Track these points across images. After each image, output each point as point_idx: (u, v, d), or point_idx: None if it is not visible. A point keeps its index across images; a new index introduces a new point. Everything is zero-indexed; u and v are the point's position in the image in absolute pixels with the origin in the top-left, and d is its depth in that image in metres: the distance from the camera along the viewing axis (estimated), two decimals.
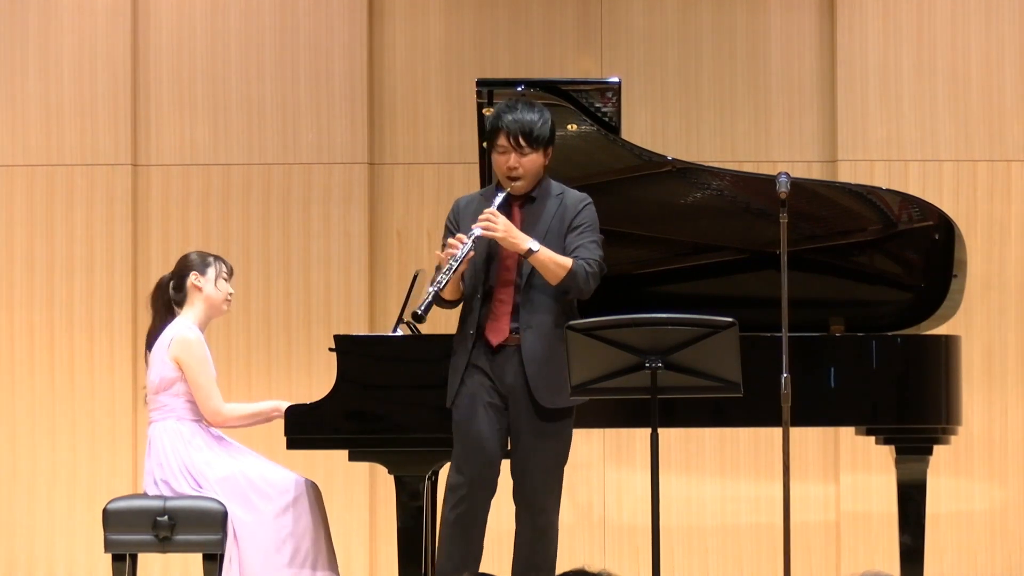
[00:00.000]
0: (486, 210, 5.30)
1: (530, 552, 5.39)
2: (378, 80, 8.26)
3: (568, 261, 5.33)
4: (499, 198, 5.34)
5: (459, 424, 5.39)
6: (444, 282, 5.24)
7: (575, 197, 5.47)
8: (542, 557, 5.40)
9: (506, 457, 5.45)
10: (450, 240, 5.30)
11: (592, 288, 5.39)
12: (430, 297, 5.25)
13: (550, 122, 5.41)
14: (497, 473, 5.40)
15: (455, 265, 5.24)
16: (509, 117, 5.35)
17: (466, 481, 5.34)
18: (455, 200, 5.57)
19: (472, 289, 5.38)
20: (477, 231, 5.26)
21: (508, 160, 5.35)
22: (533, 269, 5.34)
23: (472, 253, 5.27)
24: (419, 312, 5.25)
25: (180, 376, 5.88)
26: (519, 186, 5.38)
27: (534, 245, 5.29)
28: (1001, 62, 8.15)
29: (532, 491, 5.36)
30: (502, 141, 5.35)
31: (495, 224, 5.26)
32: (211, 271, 5.98)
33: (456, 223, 5.44)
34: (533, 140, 5.34)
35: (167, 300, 6.01)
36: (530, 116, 5.36)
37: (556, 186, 5.50)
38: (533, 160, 5.37)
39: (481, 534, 5.41)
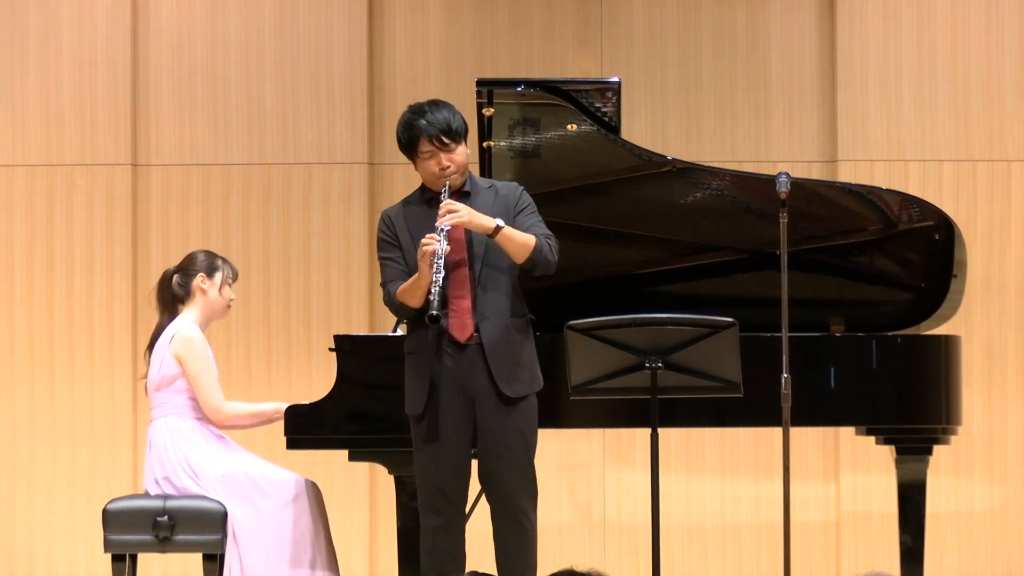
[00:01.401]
0: (443, 203, 5.26)
1: (513, 552, 5.35)
2: (378, 80, 8.27)
3: (531, 236, 5.32)
4: (445, 191, 5.31)
5: (428, 433, 5.31)
6: (440, 278, 5.15)
7: (509, 186, 5.47)
8: (525, 555, 5.36)
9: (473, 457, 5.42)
10: (423, 240, 5.21)
11: (555, 261, 5.36)
12: (437, 296, 5.14)
13: (460, 113, 5.40)
14: (467, 481, 5.37)
15: (441, 260, 5.17)
16: (423, 121, 5.33)
17: (438, 495, 5.30)
18: (381, 214, 5.49)
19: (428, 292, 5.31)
20: (444, 225, 5.20)
21: (438, 161, 5.33)
22: (484, 260, 5.31)
23: (448, 248, 5.22)
24: (436, 313, 5.12)
25: (180, 373, 5.89)
26: (455, 178, 5.35)
27: (500, 222, 5.27)
28: (1001, 62, 8.16)
29: (510, 492, 5.32)
30: (425, 147, 5.32)
31: (456, 211, 5.24)
32: (218, 276, 5.99)
33: (393, 234, 5.38)
34: (454, 134, 5.34)
35: (171, 295, 6.01)
36: (442, 114, 5.35)
37: (483, 180, 5.51)
38: (460, 153, 5.36)
39: (463, 543, 5.38)
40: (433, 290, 5.15)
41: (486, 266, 5.32)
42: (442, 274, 5.17)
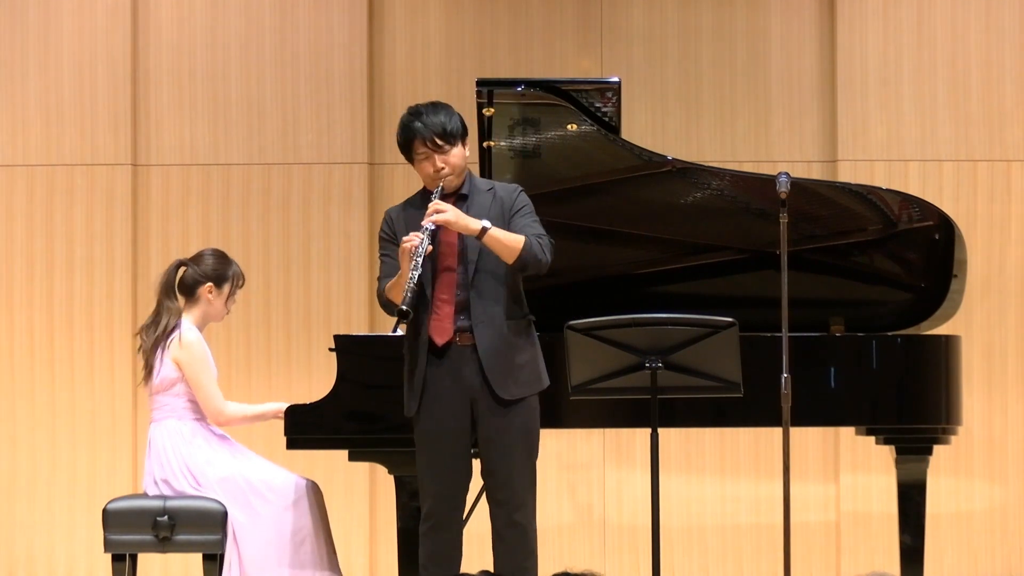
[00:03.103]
0: (432, 203, 5.27)
1: (512, 552, 5.34)
2: (378, 80, 8.27)
3: (520, 237, 5.30)
4: (437, 192, 5.32)
5: (426, 434, 5.31)
6: (416, 275, 5.15)
7: (508, 188, 5.46)
8: (524, 555, 5.35)
9: (474, 457, 5.41)
10: (405, 238, 5.22)
11: (549, 260, 5.33)
12: (409, 292, 5.14)
13: (458, 115, 5.40)
14: (467, 481, 5.37)
15: (419, 258, 5.17)
16: (417, 124, 5.35)
17: (436, 496, 5.30)
18: (385, 212, 5.51)
19: (418, 295, 5.29)
20: (428, 224, 5.22)
21: (433, 163, 5.35)
22: (478, 264, 5.30)
23: (430, 247, 5.23)
24: (404, 308, 5.13)
25: (180, 376, 5.89)
26: (451, 179, 5.36)
27: (486, 223, 5.26)
28: (1001, 62, 8.16)
29: (508, 490, 5.32)
30: (420, 148, 5.34)
31: (443, 211, 5.25)
32: (227, 287, 5.99)
33: (392, 232, 5.39)
34: (449, 136, 5.35)
35: (174, 287, 5.98)
36: (437, 117, 5.36)
37: (484, 181, 5.51)
38: (456, 155, 5.36)
39: (458, 542, 5.37)
40: (407, 286, 5.15)
41: (481, 271, 5.31)
42: (419, 271, 5.18)
